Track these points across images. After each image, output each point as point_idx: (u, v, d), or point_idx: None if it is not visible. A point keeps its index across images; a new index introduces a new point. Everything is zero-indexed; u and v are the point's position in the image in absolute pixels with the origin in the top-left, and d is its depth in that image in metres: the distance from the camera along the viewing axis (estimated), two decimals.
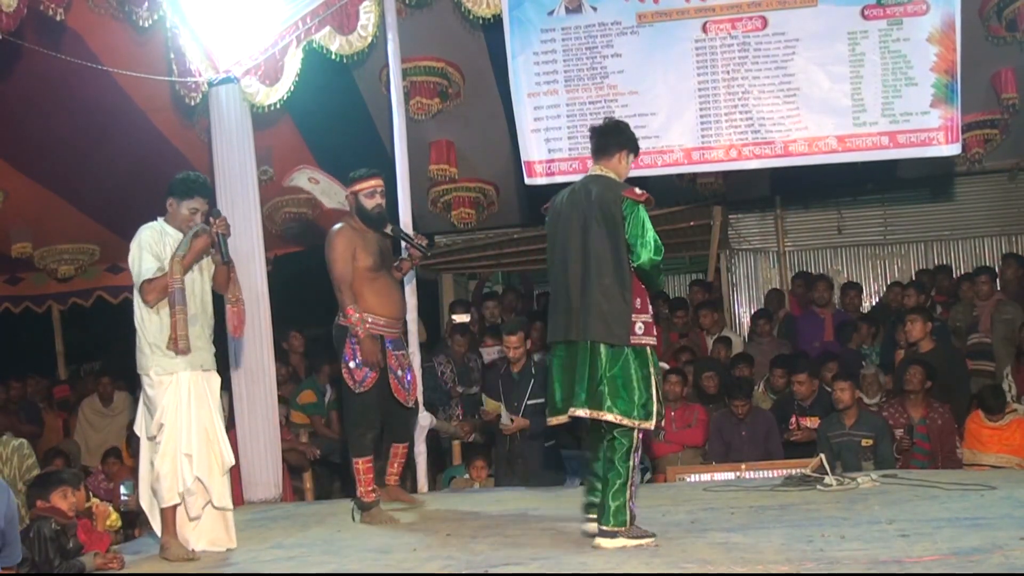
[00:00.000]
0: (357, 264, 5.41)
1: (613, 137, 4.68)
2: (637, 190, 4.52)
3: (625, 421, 4.37)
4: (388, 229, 5.72)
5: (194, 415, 4.70)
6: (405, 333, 6.73)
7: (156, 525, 4.83)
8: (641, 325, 4.44)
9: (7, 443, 5.84)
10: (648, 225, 4.43)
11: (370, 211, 5.51)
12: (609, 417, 4.38)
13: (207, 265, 4.89)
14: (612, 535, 4.37)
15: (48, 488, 4.79)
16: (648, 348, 4.48)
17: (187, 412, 4.69)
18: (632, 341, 4.41)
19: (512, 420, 6.63)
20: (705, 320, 8.98)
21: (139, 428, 4.88)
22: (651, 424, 4.44)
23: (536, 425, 6.60)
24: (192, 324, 4.70)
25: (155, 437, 4.70)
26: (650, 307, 4.55)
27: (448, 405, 8.06)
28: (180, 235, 4.78)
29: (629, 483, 4.38)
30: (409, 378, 5.61)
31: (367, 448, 5.47)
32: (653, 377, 4.46)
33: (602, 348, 4.40)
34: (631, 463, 4.40)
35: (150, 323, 4.70)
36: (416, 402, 5.74)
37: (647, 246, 4.39)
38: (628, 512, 4.38)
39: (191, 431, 4.68)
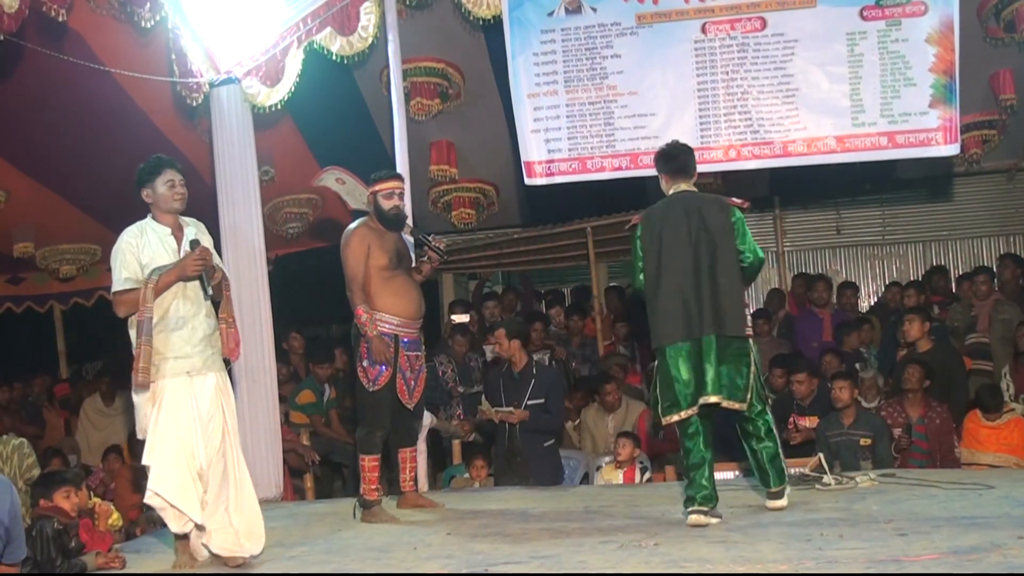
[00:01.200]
0: (372, 263, 5.40)
1: (692, 158, 5.18)
2: (736, 199, 5.05)
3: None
4: (407, 231, 5.74)
5: (163, 426, 4.41)
6: None
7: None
8: (748, 318, 5.11)
9: (7, 442, 5.85)
10: (748, 229, 5.02)
11: (387, 212, 5.52)
12: (741, 407, 4.90)
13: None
14: (780, 495, 5.00)
15: (51, 488, 4.81)
16: (751, 338, 5.07)
17: (154, 423, 4.42)
18: (746, 332, 4.99)
19: (512, 411, 6.62)
20: None
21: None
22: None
23: (535, 424, 6.61)
24: (180, 327, 4.45)
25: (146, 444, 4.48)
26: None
27: (448, 405, 8.08)
28: (166, 229, 4.53)
29: (780, 450, 5.06)
30: (415, 381, 5.59)
31: (375, 446, 5.48)
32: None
33: (725, 341, 4.85)
34: (775, 435, 5.05)
35: (134, 334, 4.48)
36: (419, 404, 5.73)
37: (753, 248, 4.98)
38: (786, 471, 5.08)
39: (154, 442, 4.41)
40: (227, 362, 4.74)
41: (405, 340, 5.49)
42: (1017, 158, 9.67)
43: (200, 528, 4.47)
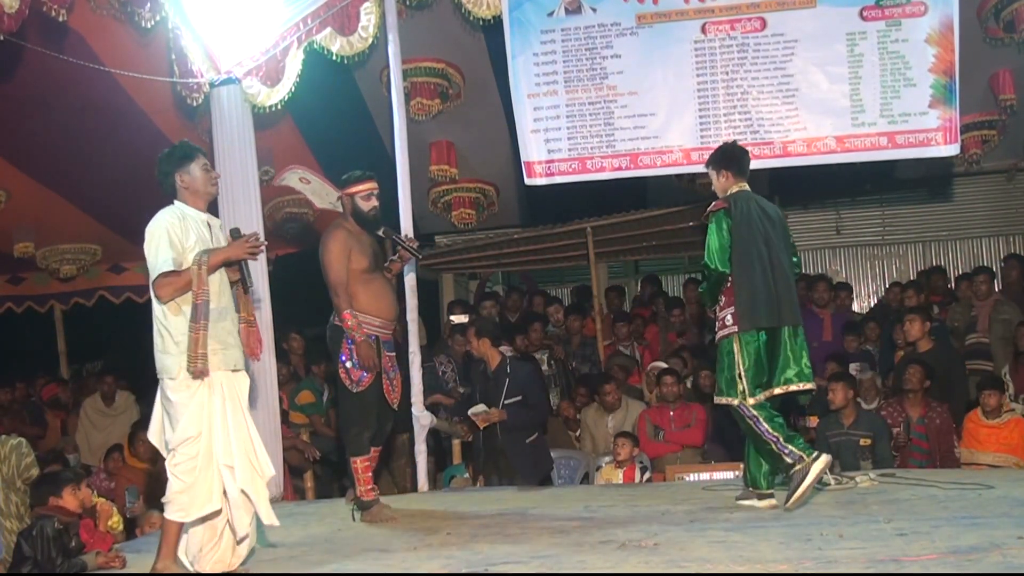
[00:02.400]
0: (352, 266, 5.40)
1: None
2: None
3: None
4: (381, 231, 5.72)
5: (231, 421, 4.21)
6: (405, 333, 6.76)
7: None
8: None
9: (6, 442, 5.85)
10: None
11: (367, 213, 5.51)
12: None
13: None
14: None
15: (60, 485, 4.81)
16: None
17: (222, 418, 4.19)
18: None
19: (487, 412, 6.62)
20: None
21: (155, 436, 4.35)
22: None
23: (516, 421, 6.61)
24: (223, 319, 4.28)
25: (176, 447, 4.17)
26: None
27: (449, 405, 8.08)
28: (202, 216, 4.38)
29: None
30: (395, 381, 5.62)
31: (364, 447, 5.48)
32: None
33: (799, 331, 5.15)
34: None
35: (175, 321, 4.19)
36: (399, 403, 5.75)
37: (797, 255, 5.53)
38: None
39: (229, 439, 4.18)
40: None
41: (384, 342, 5.53)
42: (1017, 158, 9.67)
43: (273, 526, 4.38)
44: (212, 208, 5.76)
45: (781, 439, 4.97)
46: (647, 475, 6.99)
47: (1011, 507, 4.72)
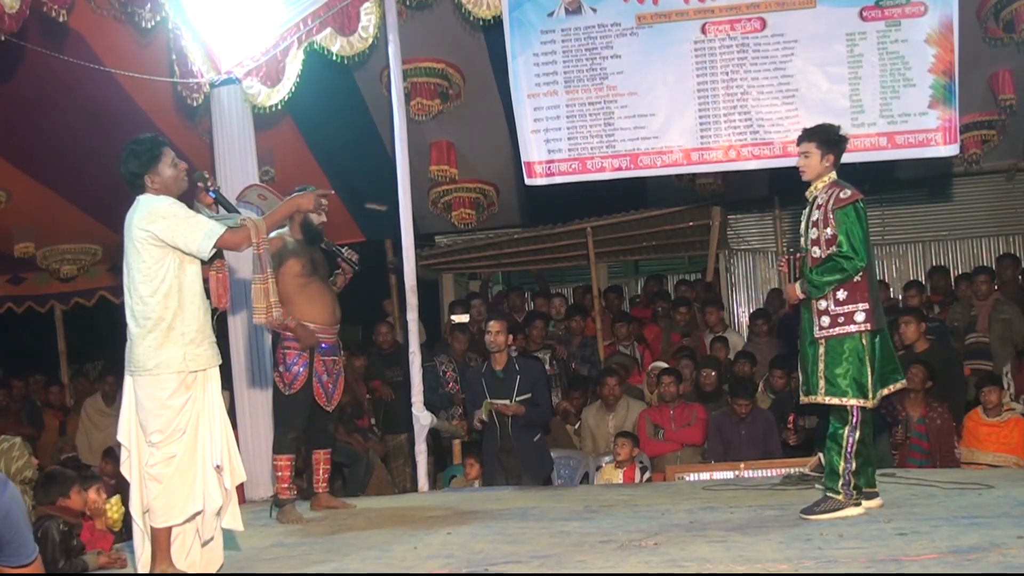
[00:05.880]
0: (287, 270, 5.49)
1: None
2: None
3: None
4: (323, 244, 5.82)
5: (218, 420, 4.15)
6: (405, 333, 6.75)
7: (147, 536, 4.22)
8: None
9: (3, 442, 5.85)
10: None
11: (315, 225, 5.64)
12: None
13: None
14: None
15: (67, 485, 4.80)
16: None
17: (209, 416, 4.12)
18: None
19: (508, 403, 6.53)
20: (711, 318, 9.01)
21: (125, 435, 4.20)
22: None
23: (529, 418, 6.58)
24: (208, 311, 4.22)
25: (159, 444, 4.06)
26: None
27: (449, 405, 8.08)
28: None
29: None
30: (333, 385, 5.69)
31: (289, 447, 5.63)
32: None
33: None
34: None
35: (186, 311, 4.12)
36: (337, 407, 5.80)
37: None
38: None
39: (222, 438, 4.14)
40: (224, 359, 4.63)
41: (322, 345, 5.60)
42: (1016, 158, 9.67)
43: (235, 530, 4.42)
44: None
45: (854, 468, 4.76)
46: (647, 475, 6.99)
47: (1011, 507, 4.72)
